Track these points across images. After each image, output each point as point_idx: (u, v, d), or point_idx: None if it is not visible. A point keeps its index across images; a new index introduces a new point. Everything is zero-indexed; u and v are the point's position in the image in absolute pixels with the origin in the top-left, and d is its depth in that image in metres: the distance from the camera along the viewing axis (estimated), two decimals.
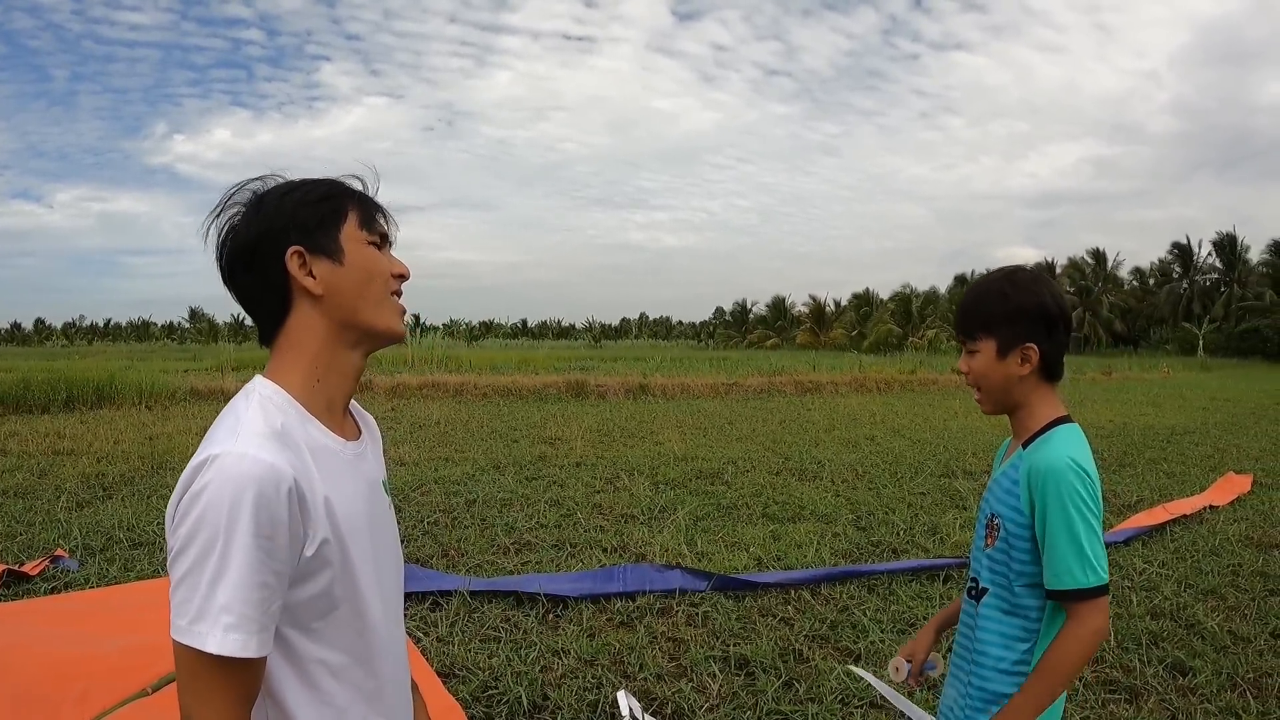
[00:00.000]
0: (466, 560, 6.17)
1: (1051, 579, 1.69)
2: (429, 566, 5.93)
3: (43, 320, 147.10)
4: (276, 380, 1.30)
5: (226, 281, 1.34)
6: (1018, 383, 1.79)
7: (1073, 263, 77.42)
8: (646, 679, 4.17)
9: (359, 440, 1.41)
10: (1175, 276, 73.49)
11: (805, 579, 5.60)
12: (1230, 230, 69.00)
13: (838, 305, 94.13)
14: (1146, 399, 21.12)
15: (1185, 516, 7.46)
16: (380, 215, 1.39)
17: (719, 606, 5.16)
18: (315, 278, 1.29)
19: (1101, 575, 1.67)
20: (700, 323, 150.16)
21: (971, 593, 1.87)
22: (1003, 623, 1.78)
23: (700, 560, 6.13)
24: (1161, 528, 7.08)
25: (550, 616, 5.03)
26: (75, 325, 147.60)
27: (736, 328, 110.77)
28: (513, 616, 5.00)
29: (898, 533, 6.98)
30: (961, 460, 10.77)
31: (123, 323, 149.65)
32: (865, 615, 4.99)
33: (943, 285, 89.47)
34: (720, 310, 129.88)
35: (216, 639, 1.10)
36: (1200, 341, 56.67)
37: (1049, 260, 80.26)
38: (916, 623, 4.86)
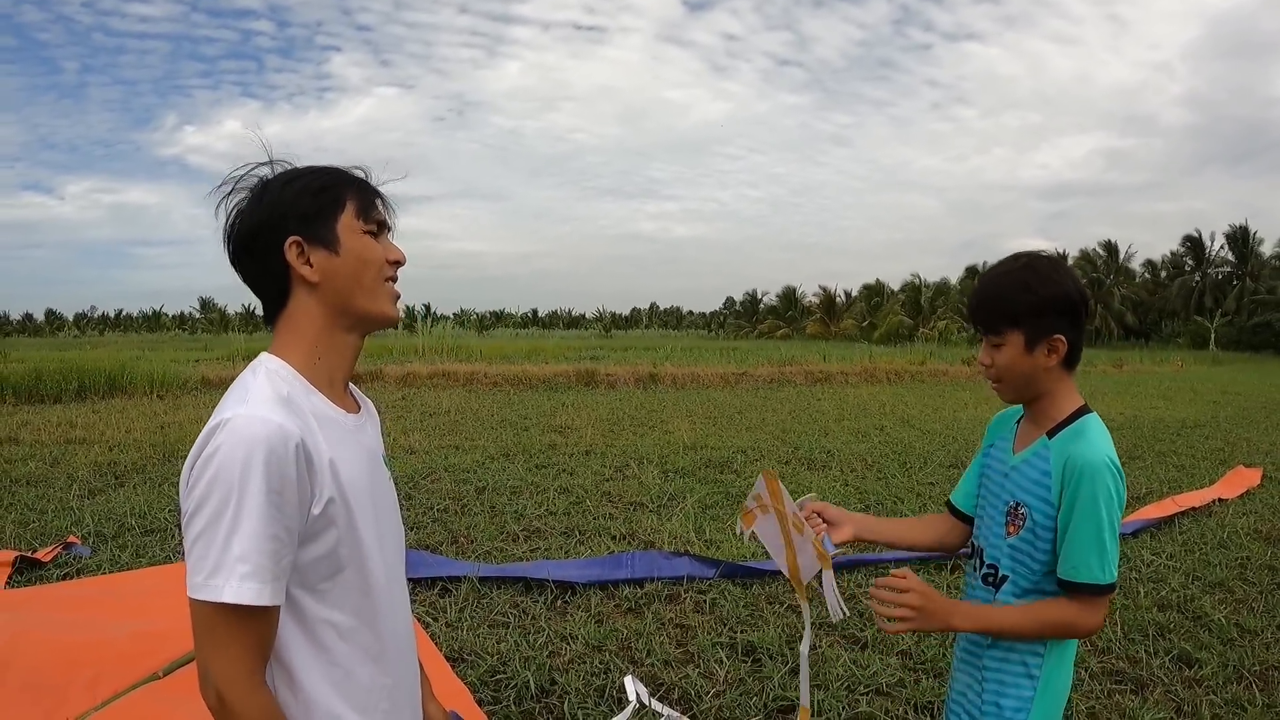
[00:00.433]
0: (476, 547, 6.20)
1: (1068, 569, 1.70)
2: (439, 553, 5.97)
3: (54, 311, 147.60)
4: (281, 356, 1.37)
5: (233, 264, 1.40)
6: (1044, 374, 1.77)
7: (1084, 255, 76.89)
8: (654, 665, 4.20)
9: (359, 414, 1.47)
10: (1187, 269, 72.97)
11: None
12: (1243, 223, 68.52)
13: (848, 296, 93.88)
14: (1157, 392, 21.03)
15: (1194, 509, 7.45)
16: (379, 203, 1.44)
17: (727, 594, 5.18)
18: (313, 266, 1.36)
19: (1114, 575, 1.70)
20: (710, 313, 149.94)
21: (989, 580, 1.85)
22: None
23: (708, 548, 6.15)
24: (1170, 520, 7.08)
25: (559, 602, 5.06)
26: (86, 316, 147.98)
27: (747, 318, 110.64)
28: (521, 602, 5.04)
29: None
30: (970, 451, 10.74)
31: (134, 313, 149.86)
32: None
33: (954, 276, 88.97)
34: (731, 300, 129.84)
35: (233, 588, 1.16)
36: (1212, 335, 56.34)
37: (1061, 252, 79.92)
38: None
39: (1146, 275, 76.77)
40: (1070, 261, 75.56)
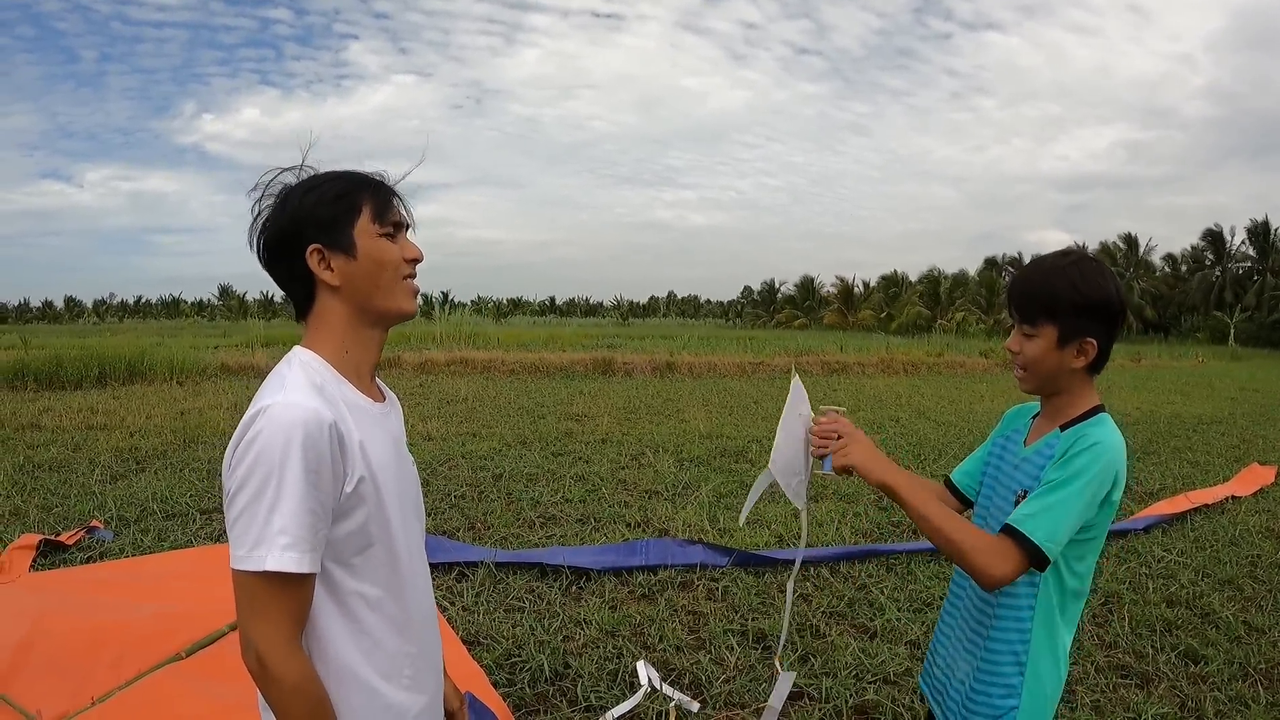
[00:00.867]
0: (492, 533, 6.29)
1: (1021, 513, 1.70)
2: (456, 538, 6.06)
3: (73, 298, 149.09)
4: (313, 349, 1.49)
5: (263, 267, 1.52)
6: (1068, 373, 1.79)
7: (1104, 248, 76.28)
8: (666, 650, 4.28)
9: (384, 403, 1.58)
10: (1207, 264, 72.20)
11: (825, 556, 5.68)
12: (1264, 218, 67.74)
13: (866, 286, 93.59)
14: (1175, 387, 20.93)
15: (1207, 506, 7.46)
16: (395, 203, 1.54)
17: (739, 582, 5.25)
18: (333, 270, 1.47)
19: (1048, 548, 1.66)
20: (728, 302, 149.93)
21: None
22: (1016, 595, 1.80)
23: (722, 536, 6.22)
24: (1182, 516, 7.09)
25: (573, 588, 5.15)
26: (106, 303, 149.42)
27: (764, 307, 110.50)
28: (537, 588, 5.12)
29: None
30: None
31: (153, 300, 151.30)
32: (883, 594, 5.07)
33: (972, 268, 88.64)
34: (748, 289, 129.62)
35: (275, 557, 1.28)
36: (1231, 330, 55.76)
37: (1080, 245, 79.22)
38: (934, 602, 4.93)
39: (1166, 269, 76.07)
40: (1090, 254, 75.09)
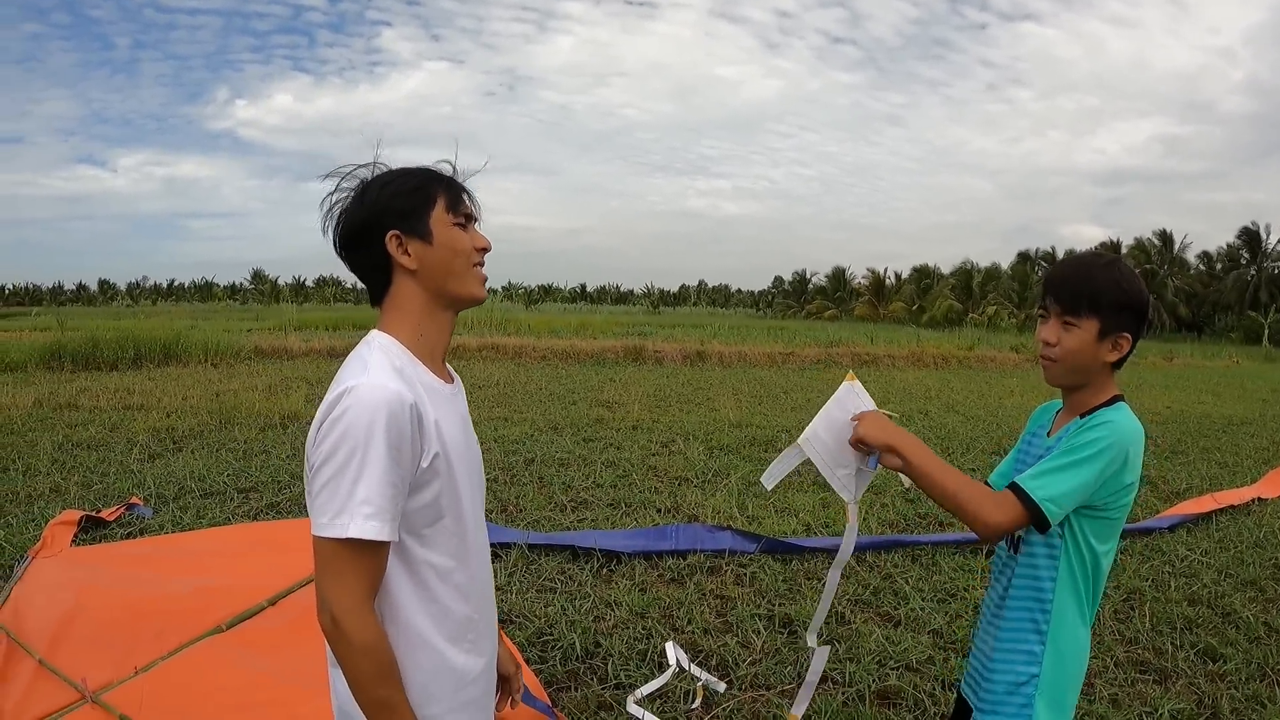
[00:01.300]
0: (524, 515, 6.45)
1: (1021, 477, 1.81)
2: (489, 520, 6.19)
3: (107, 281, 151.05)
4: (390, 333, 1.60)
5: (339, 255, 1.65)
6: (1099, 366, 1.85)
7: (1139, 243, 75.39)
8: (694, 632, 4.42)
9: (453, 385, 1.71)
10: (1243, 263, 71.09)
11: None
12: None
13: (898, 278, 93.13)
14: (1206, 387, 20.74)
15: (1232, 507, 7.46)
16: (465, 198, 1.66)
17: (766, 568, 5.37)
18: (410, 255, 1.59)
19: (1047, 507, 1.75)
20: (759, 291, 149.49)
21: (1013, 544, 1.97)
22: (1036, 565, 1.90)
23: (750, 523, 6.35)
24: (1207, 516, 7.11)
25: (604, 571, 5.29)
26: (139, 286, 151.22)
27: (795, 298, 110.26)
28: (568, 569, 5.27)
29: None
30: (1014, 439, 10.69)
31: (186, 284, 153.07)
32: (907, 584, 5.16)
33: (1005, 261, 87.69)
34: (779, 279, 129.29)
35: (358, 525, 1.40)
36: (1266, 331, 54.95)
37: (1115, 240, 78.47)
38: (957, 593, 5.03)
39: (1201, 267, 74.99)
40: (1124, 250, 74.55)
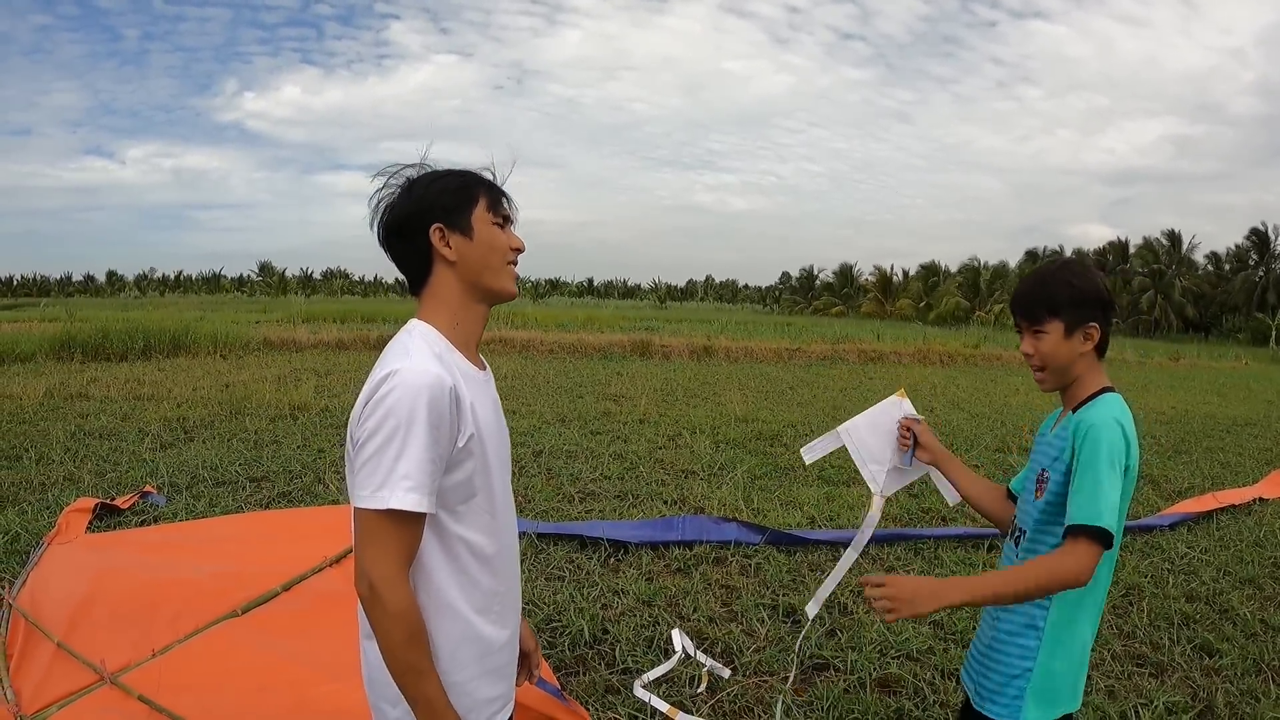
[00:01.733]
0: (533, 506, 6.54)
1: (1069, 515, 1.87)
2: None
3: (115, 272, 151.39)
4: (428, 321, 1.70)
5: (383, 245, 1.75)
6: (1079, 359, 1.99)
7: (1147, 243, 75.27)
8: (699, 621, 4.50)
9: (486, 372, 1.81)
10: (1251, 264, 70.90)
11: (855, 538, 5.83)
12: None
13: (905, 275, 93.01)
14: (1212, 388, 20.74)
15: (1234, 506, 7.51)
16: (504, 201, 1.78)
17: (771, 559, 5.46)
18: (451, 248, 1.69)
19: (1109, 523, 1.80)
20: (766, 287, 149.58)
21: (1016, 540, 2.11)
22: (1039, 553, 1.98)
23: (756, 516, 6.43)
24: (1208, 515, 7.16)
25: (611, 560, 5.38)
26: (147, 277, 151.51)
27: (802, 294, 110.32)
28: (576, 558, 5.36)
29: (947, 501, 7.13)
30: (1018, 436, 10.84)
31: (193, 275, 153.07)
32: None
33: (1013, 260, 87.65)
34: (786, 275, 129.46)
35: (399, 497, 1.50)
36: (1273, 332, 54.77)
37: (1122, 240, 78.36)
38: None
39: (1209, 267, 74.75)
40: (1132, 250, 74.36)
